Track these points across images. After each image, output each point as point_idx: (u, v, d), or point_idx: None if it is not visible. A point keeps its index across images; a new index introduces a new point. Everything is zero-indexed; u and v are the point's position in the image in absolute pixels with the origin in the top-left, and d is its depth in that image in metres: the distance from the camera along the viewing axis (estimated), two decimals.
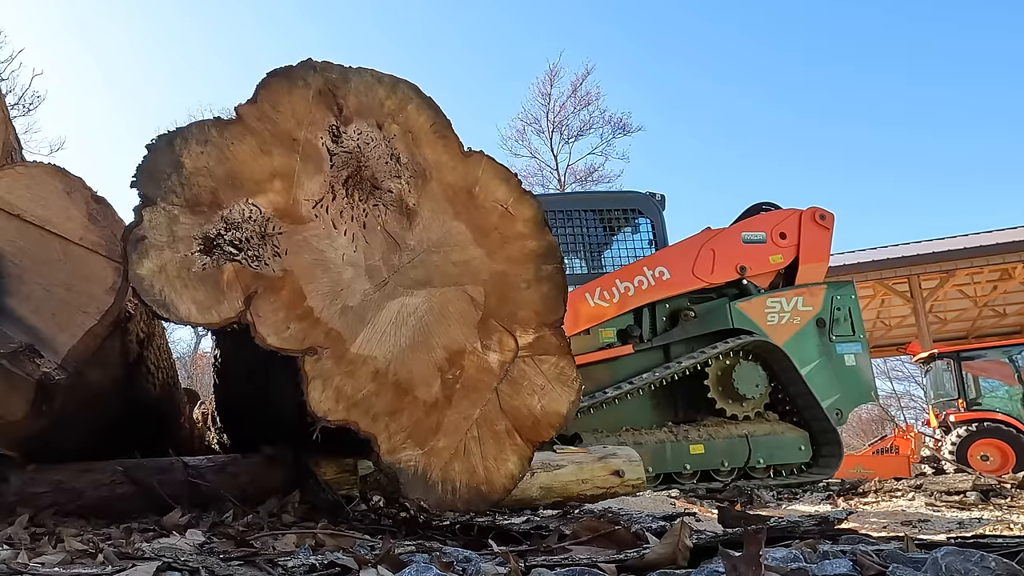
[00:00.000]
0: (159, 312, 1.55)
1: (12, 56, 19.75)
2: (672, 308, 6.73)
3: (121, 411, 2.50)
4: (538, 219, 1.97)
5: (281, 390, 1.88)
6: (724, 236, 6.89)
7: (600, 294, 6.56)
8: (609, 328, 6.62)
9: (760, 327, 6.54)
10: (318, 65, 1.77)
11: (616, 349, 6.54)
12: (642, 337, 6.62)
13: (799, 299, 6.70)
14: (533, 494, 2.84)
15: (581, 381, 1.99)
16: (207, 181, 1.62)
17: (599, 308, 6.52)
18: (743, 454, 6.18)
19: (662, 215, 7.35)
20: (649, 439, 6.16)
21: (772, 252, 6.89)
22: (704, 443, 6.16)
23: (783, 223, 6.96)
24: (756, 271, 6.84)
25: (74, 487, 2.09)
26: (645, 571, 1.17)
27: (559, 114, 26.13)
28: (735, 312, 6.62)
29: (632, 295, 6.60)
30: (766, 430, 6.39)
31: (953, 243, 15.48)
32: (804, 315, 6.67)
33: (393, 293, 1.78)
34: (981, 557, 0.98)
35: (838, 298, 6.77)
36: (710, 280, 6.74)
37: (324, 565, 1.23)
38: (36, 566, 1.22)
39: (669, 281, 6.66)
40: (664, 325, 6.70)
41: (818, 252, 6.93)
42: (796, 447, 6.31)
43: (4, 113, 2.03)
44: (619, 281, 6.62)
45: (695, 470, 6.08)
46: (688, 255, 6.76)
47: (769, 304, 6.66)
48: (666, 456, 6.06)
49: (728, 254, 6.79)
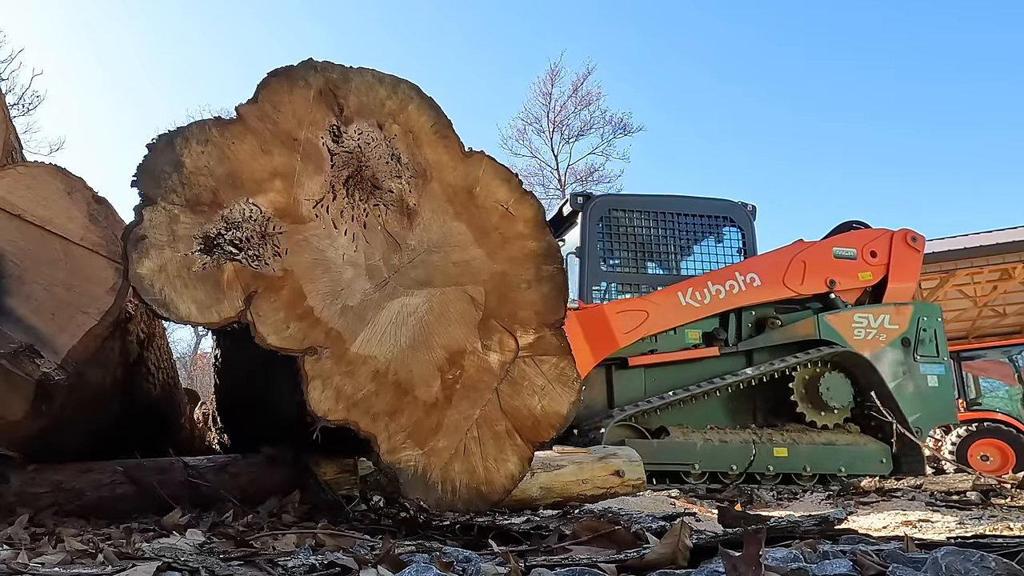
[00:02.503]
0: (159, 311, 1.55)
1: (12, 56, 19.76)
2: (758, 315, 6.89)
3: (121, 411, 2.50)
4: (539, 219, 1.97)
5: (281, 390, 1.88)
6: (816, 249, 7.05)
7: (692, 294, 6.68)
8: (695, 330, 6.75)
9: (846, 340, 6.68)
10: (319, 65, 1.77)
11: (702, 350, 6.68)
12: (727, 341, 6.76)
13: (886, 316, 6.85)
14: (533, 494, 2.84)
15: (582, 381, 1.99)
16: (207, 180, 1.62)
17: (690, 308, 6.64)
18: (826, 461, 6.28)
19: (753, 225, 7.50)
20: (734, 438, 6.29)
21: (861, 269, 7.04)
22: (788, 447, 6.27)
23: (874, 242, 7.12)
24: (844, 286, 6.98)
25: (74, 487, 2.09)
26: (645, 571, 1.17)
27: (560, 114, 26.17)
28: (823, 324, 6.75)
29: (723, 298, 6.73)
30: (848, 440, 6.49)
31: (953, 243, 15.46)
32: (890, 332, 6.82)
33: (393, 293, 1.78)
34: (981, 557, 0.98)
35: (924, 319, 6.92)
36: (799, 291, 6.87)
37: (324, 565, 1.23)
38: (36, 566, 1.22)
39: (759, 288, 6.80)
40: (750, 331, 6.85)
41: (908, 272, 7.10)
42: (878, 459, 6.42)
43: (4, 113, 2.03)
44: (711, 283, 6.75)
45: (778, 472, 6.16)
46: (780, 264, 6.90)
47: (857, 319, 6.80)
48: (750, 456, 6.18)
49: (819, 267, 6.94)
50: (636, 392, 6.50)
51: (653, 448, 5.97)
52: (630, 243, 7.27)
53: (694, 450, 6.06)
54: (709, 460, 6.07)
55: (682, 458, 6.03)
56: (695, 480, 6.01)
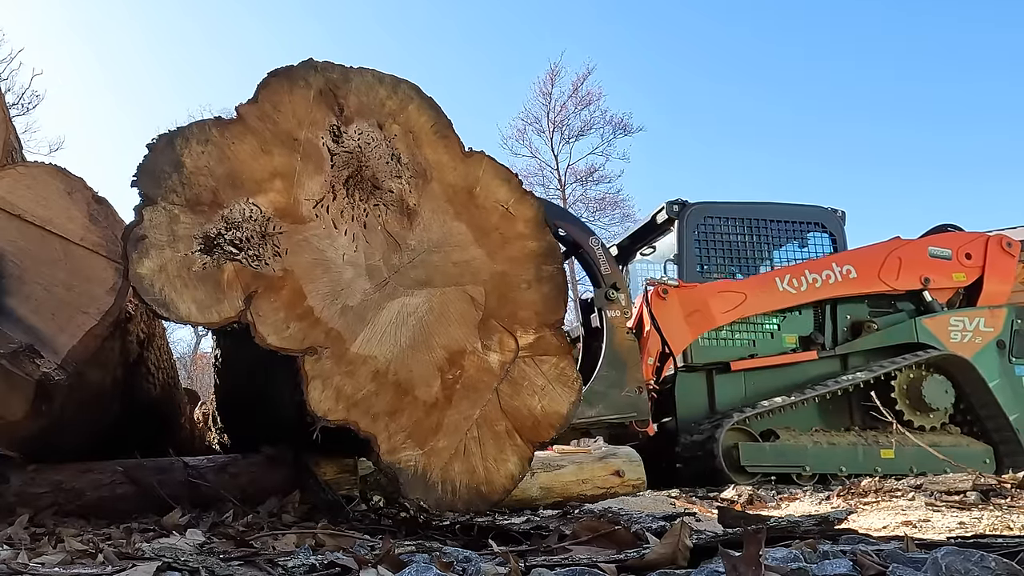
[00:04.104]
0: (159, 311, 1.55)
1: (12, 55, 19.75)
2: (853, 319, 6.99)
3: (121, 411, 2.50)
4: (539, 219, 1.97)
5: (281, 390, 1.88)
6: (912, 247, 7.17)
7: (789, 281, 6.80)
8: (792, 334, 6.91)
9: (943, 344, 6.78)
10: (319, 65, 1.77)
11: (800, 354, 6.81)
12: (824, 345, 6.86)
13: (981, 320, 6.98)
14: (533, 494, 2.84)
15: (581, 382, 1.99)
16: (208, 180, 1.62)
17: (786, 294, 6.75)
18: (932, 463, 6.29)
19: (843, 230, 7.61)
20: (841, 440, 6.39)
21: (956, 270, 7.16)
22: (894, 449, 6.37)
23: (970, 244, 7.26)
24: (938, 285, 7.10)
25: (74, 487, 2.09)
26: (645, 571, 1.17)
27: (560, 114, 26.14)
28: (920, 327, 6.86)
29: (819, 287, 6.83)
30: (951, 442, 6.57)
31: None
32: (986, 335, 6.94)
33: (393, 293, 1.78)
34: (981, 557, 0.98)
35: (1018, 322, 7.06)
36: (894, 285, 6.98)
37: (324, 565, 1.23)
38: (36, 566, 1.22)
39: (855, 280, 6.90)
40: (845, 335, 6.95)
41: (1003, 276, 7.25)
42: (981, 460, 6.50)
43: (4, 113, 2.03)
44: (808, 272, 6.86)
45: (885, 473, 6.23)
46: (876, 258, 7.01)
47: (953, 322, 6.92)
48: (858, 458, 6.27)
49: (914, 264, 7.05)
50: (737, 395, 6.59)
51: (765, 451, 6.06)
52: (725, 249, 7.37)
53: (805, 452, 6.13)
54: (819, 462, 6.13)
55: (793, 460, 6.10)
56: (805, 482, 6.03)
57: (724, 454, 5.88)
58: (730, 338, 6.85)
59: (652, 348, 6.53)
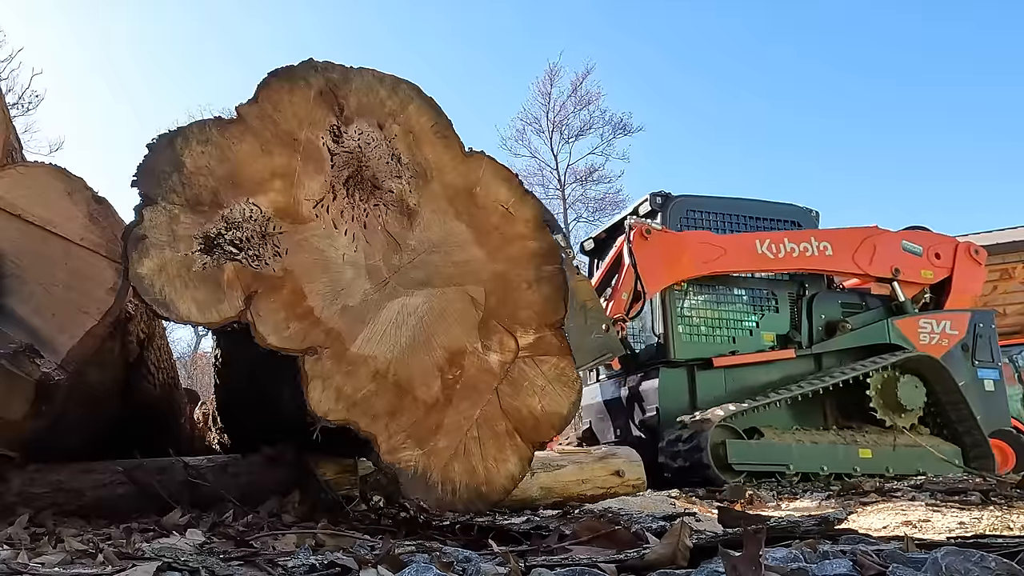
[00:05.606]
0: (159, 311, 1.55)
1: (12, 55, 19.74)
2: (828, 319, 7.15)
3: (121, 411, 2.50)
4: (539, 220, 1.97)
5: (281, 390, 1.88)
6: (887, 236, 7.40)
7: (768, 245, 6.94)
8: (770, 332, 7.05)
9: (913, 344, 6.97)
10: (319, 65, 1.77)
11: (779, 352, 6.94)
12: (801, 344, 7.00)
13: (947, 323, 7.20)
14: (533, 494, 2.84)
15: (581, 382, 1.99)
16: (208, 180, 1.62)
17: (764, 257, 6.90)
18: (907, 462, 6.49)
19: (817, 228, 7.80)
20: (822, 439, 6.47)
21: (925, 267, 7.39)
22: (871, 448, 6.47)
23: (940, 245, 7.53)
24: (907, 278, 7.30)
25: (74, 487, 2.09)
26: (645, 571, 1.17)
27: (559, 114, 26.11)
28: (892, 328, 7.05)
29: (795, 256, 7.01)
30: (926, 442, 6.65)
31: None
32: (951, 338, 7.15)
33: (393, 293, 1.78)
34: (981, 557, 0.98)
35: (980, 325, 7.27)
36: (866, 269, 7.19)
37: (324, 565, 1.23)
38: (36, 566, 1.22)
39: (831, 258, 7.10)
40: (820, 335, 7.10)
41: (970, 283, 7.52)
42: (952, 460, 6.61)
43: (4, 113, 2.03)
44: (787, 240, 7.01)
45: (863, 472, 6.30)
46: (853, 241, 7.22)
47: (922, 324, 7.13)
48: (838, 457, 6.36)
49: (887, 253, 7.26)
50: (718, 392, 6.63)
51: (751, 449, 6.09)
52: None
53: (789, 451, 6.17)
54: (802, 461, 6.17)
55: (778, 459, 6.13)
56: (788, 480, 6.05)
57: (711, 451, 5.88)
58: (711, 334, 6.93)
59: (626, 285, 6.57)
